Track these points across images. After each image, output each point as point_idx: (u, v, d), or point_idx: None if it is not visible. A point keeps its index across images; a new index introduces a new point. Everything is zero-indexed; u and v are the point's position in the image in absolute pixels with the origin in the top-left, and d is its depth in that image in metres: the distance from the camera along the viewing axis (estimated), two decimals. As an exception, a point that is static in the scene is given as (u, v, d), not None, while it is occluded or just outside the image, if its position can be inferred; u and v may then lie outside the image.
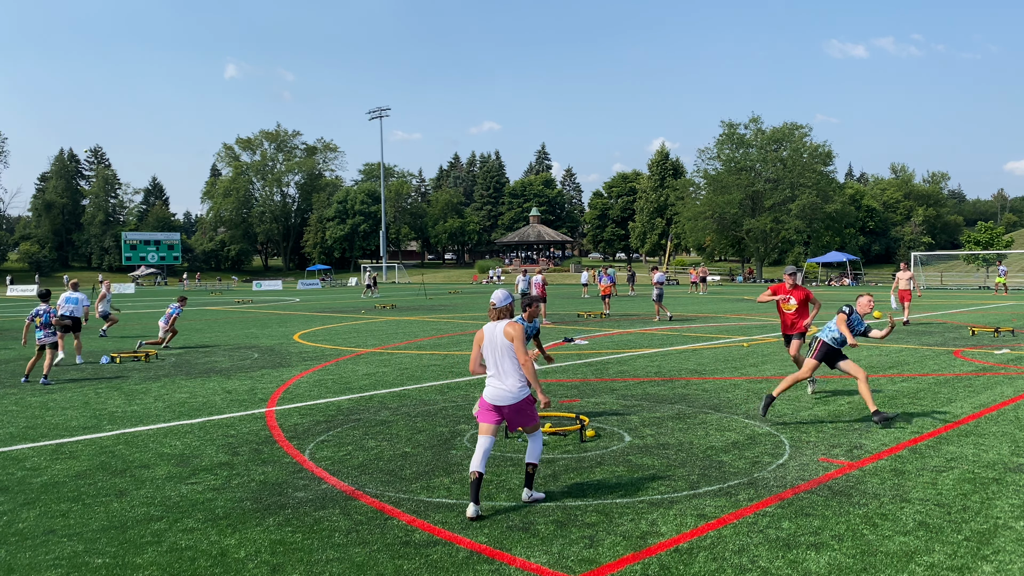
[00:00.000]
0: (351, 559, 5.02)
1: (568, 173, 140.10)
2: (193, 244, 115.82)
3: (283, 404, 10.55)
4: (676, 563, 4.88)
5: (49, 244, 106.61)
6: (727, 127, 76.07)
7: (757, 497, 6.17)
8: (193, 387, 12.20)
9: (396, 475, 6.93)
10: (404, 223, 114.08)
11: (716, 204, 74.08)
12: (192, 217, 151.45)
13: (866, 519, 5.63)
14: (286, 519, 5.79)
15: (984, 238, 71.21)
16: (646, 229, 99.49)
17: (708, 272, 64.79)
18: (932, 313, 27.00)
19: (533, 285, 26.70)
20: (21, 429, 9.17)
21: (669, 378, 12.41)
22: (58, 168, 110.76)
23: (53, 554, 5.16)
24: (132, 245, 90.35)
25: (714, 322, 23.87)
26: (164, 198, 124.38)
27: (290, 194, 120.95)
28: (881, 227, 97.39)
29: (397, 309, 33.09)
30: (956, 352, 15.33)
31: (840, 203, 74.53)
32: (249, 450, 7.96)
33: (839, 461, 7.24)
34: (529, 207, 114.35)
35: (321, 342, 18.91)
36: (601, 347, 17.02)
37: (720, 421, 9.07)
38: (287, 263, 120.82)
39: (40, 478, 7.02)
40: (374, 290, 51.80)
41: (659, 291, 25.23)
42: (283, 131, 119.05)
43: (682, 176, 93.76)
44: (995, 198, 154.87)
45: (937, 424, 8.77)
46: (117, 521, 5.79)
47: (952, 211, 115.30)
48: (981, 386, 11.29)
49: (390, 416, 9.60)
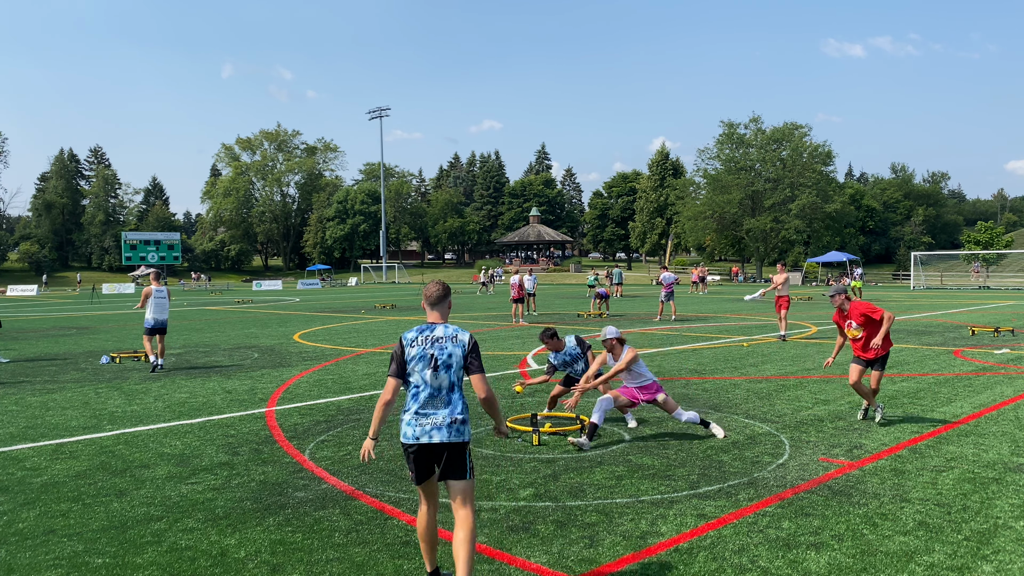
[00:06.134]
0: (351, 559, 5.02)
1: (568, 173, 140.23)
2: (193, 244, 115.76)
3: (283, 404, 10.55)
4: (676, 563, 4.88)
5: (49, 244, 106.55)
6: (727, 127, 76.12)
7: (757, 497, 6.17)
8: (193, 387, 12.19)
9: (396, 475, 6.93)
10: (404, 223, 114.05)
11: (716, 204, 74.10)
12: (192, 217, 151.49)
13: (866, 519, 5.63)
14: (286, 519, 5.79)
15: (984, 238, 71.22)
16: (646, 229, 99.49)
17: (708, 272, 64.82)
18: (932, 313, 27.00)
19: (511, 287, 26.84)
20: (21, 429, 9.16)
21: (669, 378, 12.40)
22: (58, 168, 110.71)
23: (53, 554, 5.16)
24: (132, 245, 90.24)
25: (714, 322, 23.87)
26: (164, 198, 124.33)
27: (290, 194, 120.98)
28: (881, 227, 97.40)
29: (397, 309, 33.08)
30: (956, 352, 15.33)
31: (840, 203, 74.55)
32: (249, 450, 7.96)
33: (839, 461, 7.24)
34: (529, 207, 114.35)
35: (321, 342, 18.91)
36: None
37: (720, 421, 9.06)
38: (287, 263, 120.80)
39: (40, 478, 7.01)
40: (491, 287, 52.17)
41: (669, 291, 25.22)
42: (283, 131, 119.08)
43: (682, 176, 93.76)
44: (995, 198, 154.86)
45: (937, 424, 8.77)
46: (117, 521, 5.79)
47: (952, 211, 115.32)
48: (981, 386, 11.29)
49: (390, 416, 9.59)
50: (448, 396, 4.40)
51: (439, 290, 4.60)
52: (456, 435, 4.36)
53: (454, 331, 4.46)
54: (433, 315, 4.59)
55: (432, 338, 4.43)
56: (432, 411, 4.39)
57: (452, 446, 4.37)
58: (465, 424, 4.42)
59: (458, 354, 4.41)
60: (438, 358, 4.39)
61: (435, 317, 4.57)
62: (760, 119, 75.81)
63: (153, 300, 14.49)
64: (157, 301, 14.48)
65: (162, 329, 14.44)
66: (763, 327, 21.27)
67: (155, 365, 14.08)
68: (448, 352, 4.40)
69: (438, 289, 4.60)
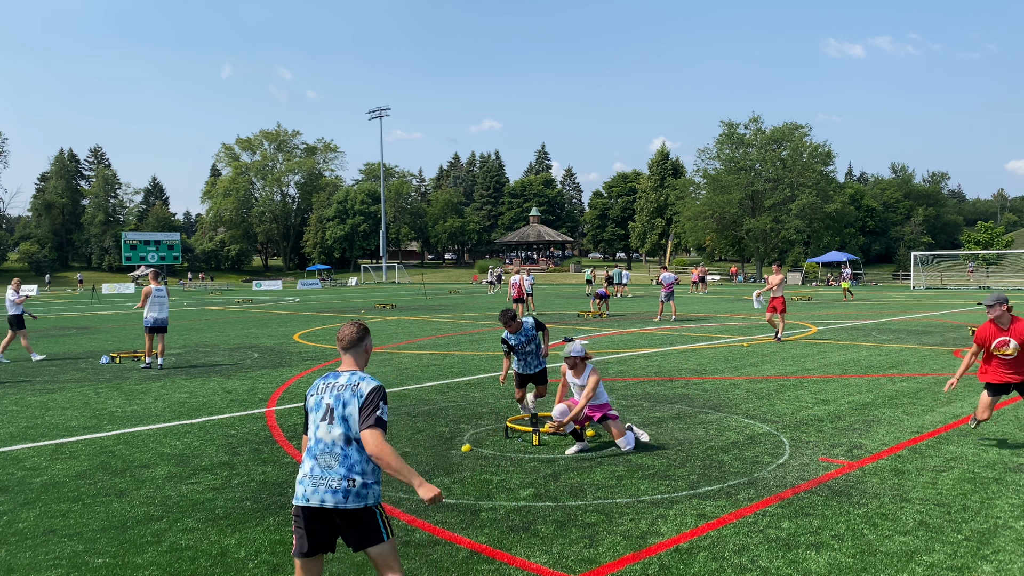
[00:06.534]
0: (351, 559, 5.02)
1: (568, 173, 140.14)
2: (193, 244, 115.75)
3: (283, 404, 10.55)
4: (676, 563, 4.88)
5: (49, 244, 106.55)
6: (727, 127, 76.09)
7: (757, 497, 6.17)
8: (193, 387, 12.20)
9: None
10: (404, 223, 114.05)
11: (716, 204, 74.08)
12: (192, 217, 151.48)
13: (866, 519, 5.63)
14: (286, 519, 5.79)
15: (984, 238, 71.21)
16: (646, 229, 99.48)
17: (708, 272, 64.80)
18: (932, 313, 26.99)
19: (511, 286, 26.88)
20: (21, 429, 9.17)
21: (669, 378, 12.41)
22: (58, 168, 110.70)
23: (53, 554, 5.16)
24: (132, 245, 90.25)
25: (714, 322, 23.87)
26: (164, 198, 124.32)
27: (290, 194, 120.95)
28: (881, 227, 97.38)
29: (397, 309, 33.08)
30: (956, 352, 15.33)
31: (840, 203, 74.52)
32: (249, 450, 7.96)
33: (839, 461, 7.24)
34: (529, 207, 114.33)
35: (321, 342, 18.91)
36: (601, 347, 17.01)
37: (720, 421, 9.07)
38: (287, 263, 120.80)
39: (40, 478, 7.02)
40: (498, 286, 52.08)
41: (669, 291, 25.24)
42: (283, 131, 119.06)
43: (682, 176, 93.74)
44: (995, 198, 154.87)
45: (937, 424, 8.77)
46: (117, 521, 5.79)
47: (952, 211, 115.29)
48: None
49: (390, 416, 9.60)
50: (344, 452, 3.79)
51: (352, 333, 4.04)
52: (355, 500, 3.75)
53: (358, 379, 3.90)
54: (346, 360, 4.05)
55: (333, 386, 3.92)
56: (326, 471, 3.78)
57: (349, 512, 3.77)
58: (368, 487, 3.79)
59: (355, 404, 3.81)
60: (334, 408, 3.85)
61: (347, 363, 4.04)
62: (760, 119, 75.82)
63: (153, 299, 14.68)
64: (156, 300, 14.69)
65: (162, 328, 14.61)
66: (763, 327, 21.27)
67: (148, 364, 14.42)
68: (344, 401, 3.83)
69: (352, 332, 4.05)
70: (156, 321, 14.59)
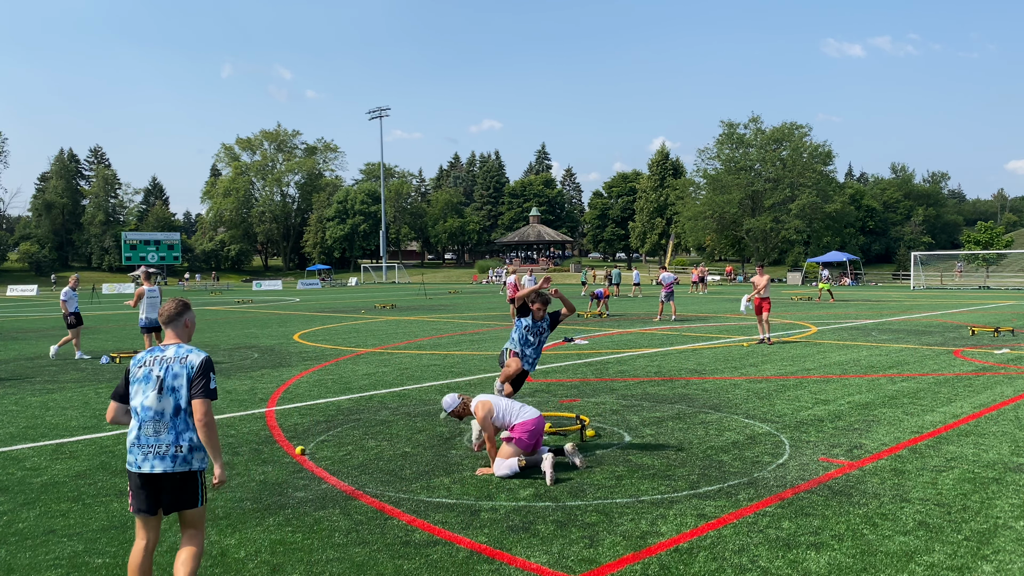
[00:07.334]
0: (351, 559, 5.02)
1: (568, 173, 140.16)
2: (193, 244, 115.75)
3: (283, 404, 10.55)
4: (676, 563, 4.88)
5: (49, 244, 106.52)
6: (727, 127, 76.15)
7: (757, 497, 6.17)
8: (193, 387, 12.18)
9: (396, 475, 6.93)
10: (404, 223, 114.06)
11: (716, 204, 74.12)
12: (192, 217, 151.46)
13: (866, 519, 5.63)
14: (286, 519, 5.79)
15: (984, 238, 71.17)
16: (646, 229, 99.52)
17: (708, 272, 64.80)
18: (932, 313, 27.00)
19: (508, 286, 26.85)
20: (21, 429, 9.17)
21: (669, 378, 12.41)
22: (58, 168, 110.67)
23: (53, 554, 5.16)
24: (132, 245, 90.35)
25: (714, 322, 23.88)
26: (164, 198, 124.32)
27: (290, 194, 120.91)
28: (881, 227, 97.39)
29: (397, 309, 33.09)
30: (956, 352, 15.33)
31: (840, 203, 74.57)
32: (249, 450, 7.96)
33: (839, 461, 7.24)
34: (529, 207, 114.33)
35: (321, 342, 18.91)
36: (601, 347, 17.01)
37: (720, 421, 9.07)
38: (287, 263, 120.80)
39: (40, 478, 7.02)
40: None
41: (669, 291, 25.26)
42: (283, 131, 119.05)
43: (682, 176, 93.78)
44: (995, 198, 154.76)
45: (937, 424, 8.77)
46: (117, 521, 5.79)
47: (952, 211, 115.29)
48: (981, 386, 11.29)
49: (390, 416, 9.61)
50: (172, 421, 4.08)
51: (172, 308, 4.34)
52: (182, 464, 4.06)
53: (186, 352, 4.18)
54: (168, 334, 4.31)
55: (161, 359, 4.16)
56: (154, 438, 4.06)
57: (177, 476, 4.06)
58: (193, 452, 4.10)
59: (184, 376, 4.11)
60: (163, 380, 4.10)
61: (170, 336, 4.31)
62: (760, 119, 75.92)
63: (146, 300, 15.11)
64: (149, 301, 15.11)
65: (157, 327, 14.77)
66: (763, 327, 21.26)
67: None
68: (174, 373, 4.11)
69: (171, 307, 4.34)
70: (151, 321, 15.02)
